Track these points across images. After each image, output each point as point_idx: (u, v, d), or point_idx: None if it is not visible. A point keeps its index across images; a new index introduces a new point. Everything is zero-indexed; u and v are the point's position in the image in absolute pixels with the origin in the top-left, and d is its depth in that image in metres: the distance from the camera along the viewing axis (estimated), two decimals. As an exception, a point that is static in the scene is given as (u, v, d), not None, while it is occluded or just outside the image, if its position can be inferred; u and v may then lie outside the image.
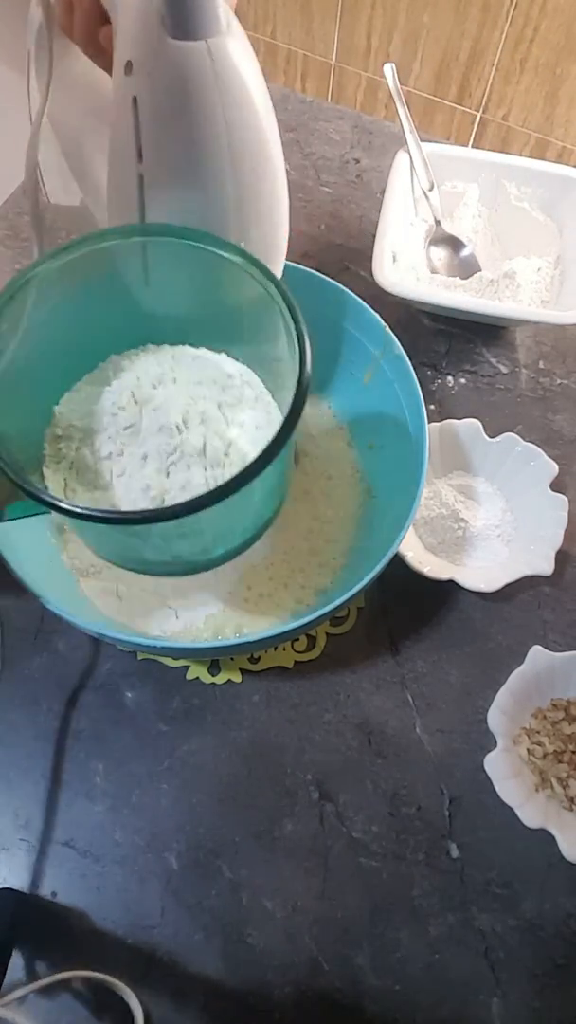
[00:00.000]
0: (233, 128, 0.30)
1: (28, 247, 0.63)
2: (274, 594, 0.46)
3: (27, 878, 0.43)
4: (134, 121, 0.30)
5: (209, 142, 0.30)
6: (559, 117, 1.18)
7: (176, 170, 0.31)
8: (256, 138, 0.31)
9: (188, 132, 0.30)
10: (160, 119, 0.30)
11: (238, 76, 0.29)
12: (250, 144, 0.31)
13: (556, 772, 0.43)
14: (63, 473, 0.37)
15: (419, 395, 0.43)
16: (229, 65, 0.28)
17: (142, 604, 0.46)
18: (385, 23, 1.19)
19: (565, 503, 0.49)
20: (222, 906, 0.43)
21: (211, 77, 0.28)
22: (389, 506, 0.47)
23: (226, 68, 0.28)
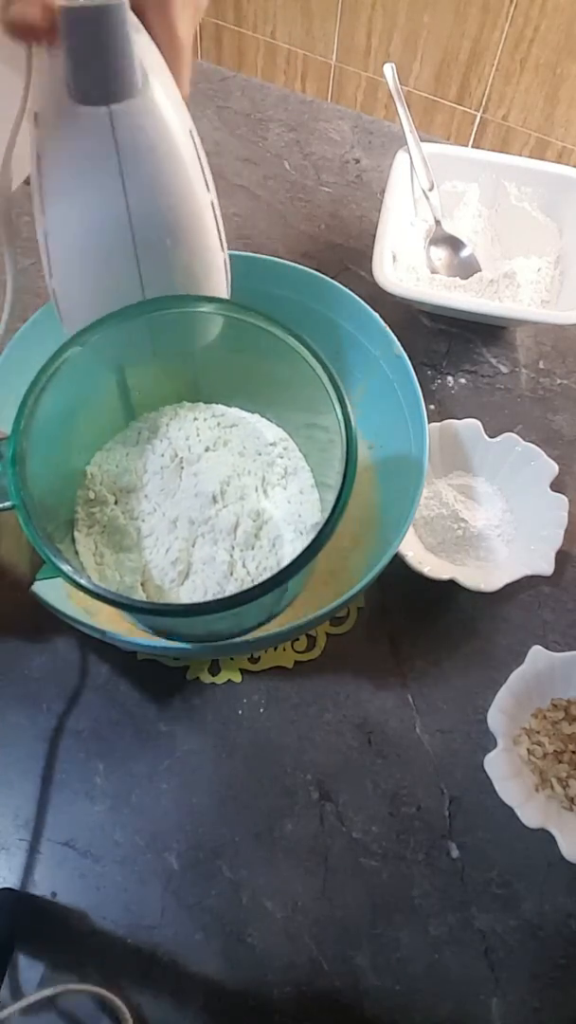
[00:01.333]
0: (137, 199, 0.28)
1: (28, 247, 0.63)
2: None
3: (27, 878, 0.43)
4: (39, 177, 0.29)
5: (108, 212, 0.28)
6: (559, 117, 1.18)
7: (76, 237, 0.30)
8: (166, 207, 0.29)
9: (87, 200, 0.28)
10: (60, 181, 0.29)
11: (145, 144, 0.27)
12: (158, 215, 0.29)
13: (556, 772, 0.43)
14: (94, 536, 0.36)
15: (419, 395, 0.43)
16: (135, 133, 0.27)
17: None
18: (385, 23, 1.19)
19: (565, 503, 0.49)
20: (222, 906, 0.43)
21: (111, 145, 0.26)
22: (389, 506, 0.47)
23: (131, 136, 0.27)
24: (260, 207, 0.66)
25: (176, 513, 0.36)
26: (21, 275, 0.66)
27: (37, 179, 0.29)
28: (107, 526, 0.36)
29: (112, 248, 0.30)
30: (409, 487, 0.41)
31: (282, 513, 0.37)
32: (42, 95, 0.27)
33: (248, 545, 0.36)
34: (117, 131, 0.26)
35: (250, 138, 0.70)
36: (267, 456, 0.38)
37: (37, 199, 0.30)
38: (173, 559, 0.35)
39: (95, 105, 0.26)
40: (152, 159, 0.28)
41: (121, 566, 0.36)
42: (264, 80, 0.75)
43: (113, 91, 0.26)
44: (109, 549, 0.36)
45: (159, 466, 0.37)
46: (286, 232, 0.65)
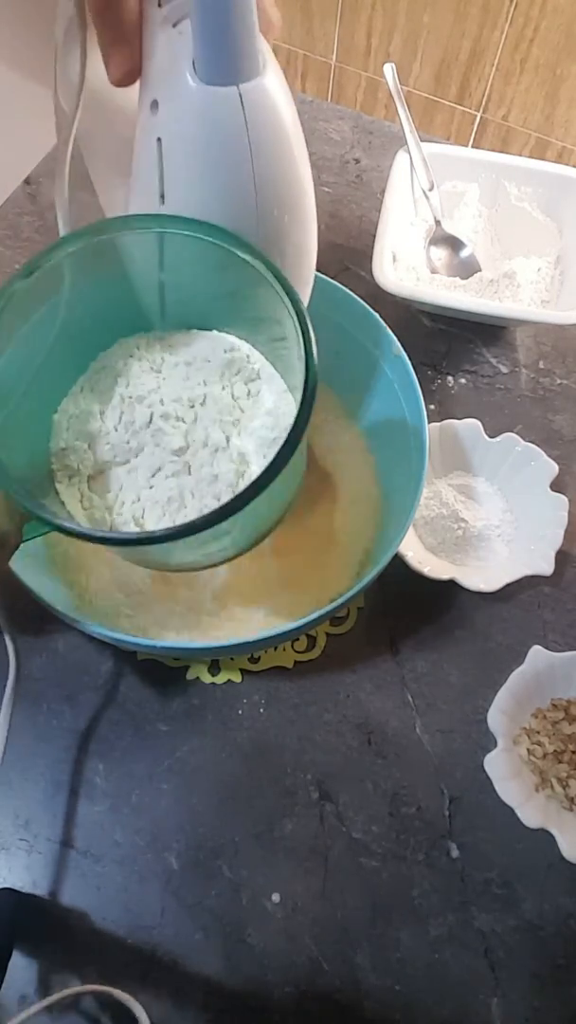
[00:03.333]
0: (262, 178, 0.29)
1: (29, 247, 0.63)
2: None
3: (27, 878, 0.43)
4: (158, 162, 0.29)
5: (235, 192, 0.29)
6: (559, 117, 1.18)
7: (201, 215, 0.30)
8: (286, 187, 0.30)
9: (213, 180, 0.29)
10: (185, 164, 0.29)
11: (270, 123, 0.28)
12: (279, 194, 0.30)
13: (556, 772, 0.43)
14: (77, 485, 0.36)
15: (419, 395, 0.43)
16: (262, 112, 0.27)
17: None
18: (385, 23, 1.19)
19: (565, 503, 0.49)
20: (222, 906, 0.43)
21: (241, 125, 0.27)
22: (389, 506, 0.47)
23: (258, 115, 0.27)
24: (260, 207, 0.66)
25: (148, 462, 0.36)
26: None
27: (155, 165, 0.29)
28: (87, 473, 0.36)
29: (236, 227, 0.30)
30: (409, 487, 0.41)
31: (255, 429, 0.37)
32: (158, 81, 0.28)
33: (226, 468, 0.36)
34: (247, 111, 0.27)
35: (250, 138, 0.70)
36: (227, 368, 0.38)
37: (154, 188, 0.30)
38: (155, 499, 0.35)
39: (225, 85, 0.26)
40: (277, 139, 0.28)
41: (110, 509, 0.36)
42: (264, 80, 0.75)
43: (242, 72, 0.26)
44: (95, 494, 0.36)
45: (120, 412, 0.37)
46: (286, 232, 0.65)
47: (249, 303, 0.34)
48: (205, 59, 0.26)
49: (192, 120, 0.27)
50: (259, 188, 0.29)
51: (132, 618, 0.45)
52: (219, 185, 0.29)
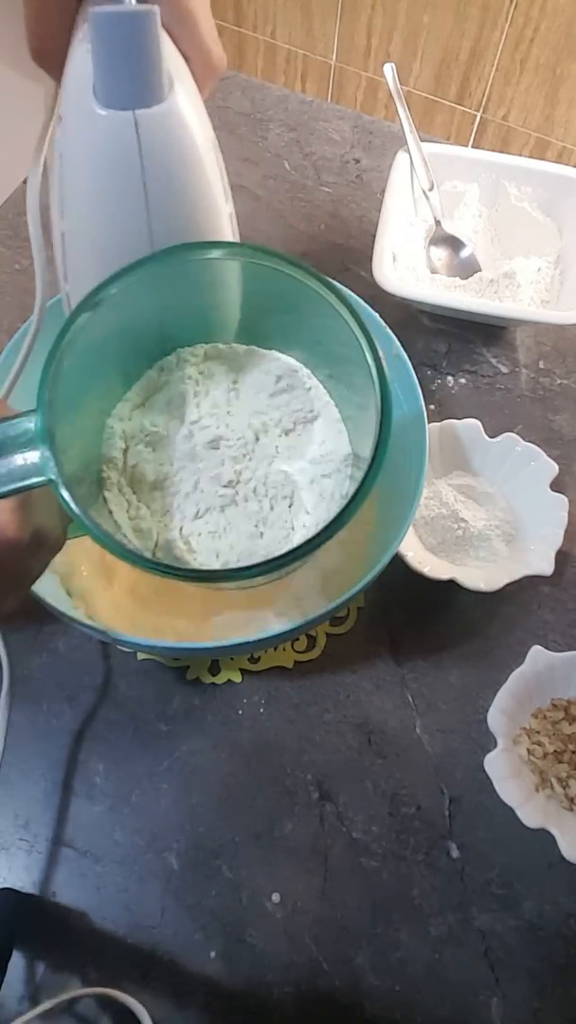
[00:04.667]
0: (157, 205, 0.28)
1: (28, 247, 0.63)
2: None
3: (27, 878, 0.43)
4: (59, 176, 0.29)
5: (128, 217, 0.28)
6: (559, 117, 1.18)
7: (93, 238, 0.30)
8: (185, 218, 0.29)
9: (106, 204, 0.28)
10: (79, 183, 0.28)
11: (169, 151, 0.27)
12: (178, 224, 0.29)
13: (556, 772, 0.43)
14: (126, 494, 0.36)
15: (419, 395, 0.43)
16: (160, 140, 0.26)
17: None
18: (385, 23, 1.19)
19: (565, 503, 0.49)
20: (222, 906, 0.43)
21: (135, 151, 0.26)
22: (389, 506, 0.47)
23: (155, 143, 0.26)
24: (260, 207, 0.66)
25: (200, 472, 0.36)
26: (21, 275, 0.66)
27: (58, 180, 0.29)
28: (135, 482, 0.36)
29: (130, 253, 0.30)
30: (409, 487, 0.41)
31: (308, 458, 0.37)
32: (67, 97, 0.27)
33: (275, 497, 0.36)
34: (142, 137, 0.26)
35: (250, 138, 0.70)
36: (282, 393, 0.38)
37: (56, 200, 0.30)
38: (203, 511, 0.35)
39: (121, 110, 0.26)
40: (175, 166, 0.27)
41: (156, 521, 0.36)
42: (264, 80, 0.75)
43: (140, 96, 0.25)
44: (142, 504, 0.36)
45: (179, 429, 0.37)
46: (286, 232, 0.65)
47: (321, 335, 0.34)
48: (102, 82, 0.25)
49: (88, 141, 0.27)
50: (153, 216, 0.28)
51: (132, 618, 0.45)
52: (111, 209, 0.28)
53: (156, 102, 0.26)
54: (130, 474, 0.37)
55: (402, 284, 0.54)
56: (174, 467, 0.37)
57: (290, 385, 0.38)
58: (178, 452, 0.37)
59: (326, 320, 0.32)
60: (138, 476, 0.36)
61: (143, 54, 0.25)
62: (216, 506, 0.36)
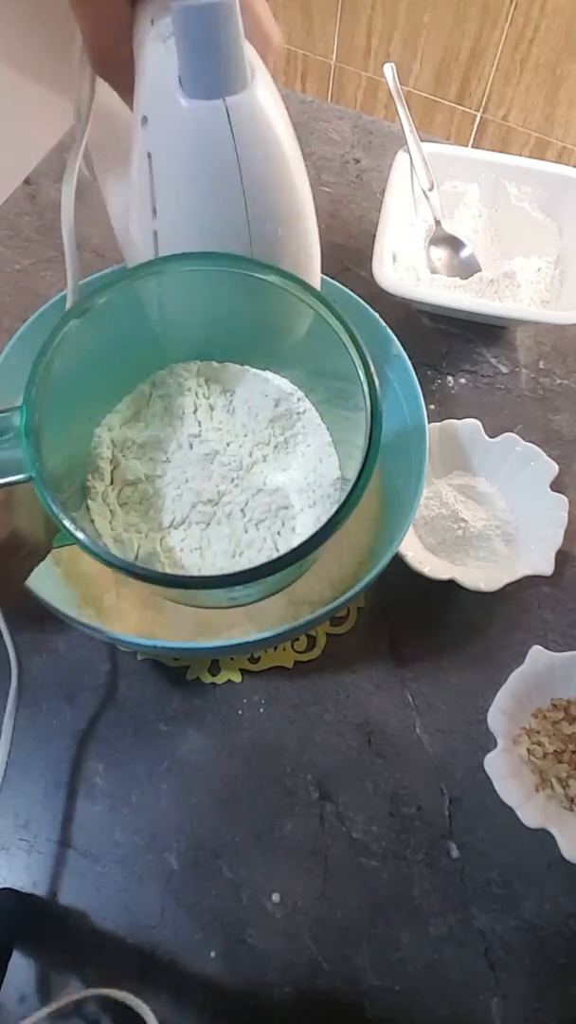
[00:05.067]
0: (252, 191, 0.28)
1: (29, 247, 0.63)
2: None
3: (27, 878, 0.43)
4: (149, 176, 0.29)
5: (225, 206, 0.29)
6: (559, 117, 1.18)
7: (190, 232, 0.30)
8: (278, 200, 0.30)
9: (203, 194, 0.29)
10: (174, 178, 0.29)
11: (259, 136, 0.27)
12: (272, 206, 0.30)
13: (556, 772, 0.43)
14: (109, 503, 0.36)
15: (419, 395, 0.43)
16: (250, 125, 0.27)
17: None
18: (385, 23, 1.19)
19: (565, 503, 0.49)
20: (222, 906, 0.43)
21: (228, 138, 0.27)
22: (389, 506, 0.47)
23: (246, 128, 0.27)
24: (260, 207, 0.66)
25: (187, 487, 0.36)
26: (21, 275, 0.66)
27: (147, 180, 0.29)
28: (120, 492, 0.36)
29: (231, 241, 0.30)
30: (409, 487, 0.41)
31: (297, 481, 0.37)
32: (148, 97, 0.27)
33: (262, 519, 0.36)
34: (233, 123, 0.26)
35: (250, 138, 0.70)
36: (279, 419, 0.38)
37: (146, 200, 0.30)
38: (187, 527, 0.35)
39: (210, 99, 0.26)
40: (266, 150, 0.28)
41: (138, 531, 0.36)
42: (264, 80, 0.75)
43: (228, 85, 0.26)
44: (124, 515, 0.36)
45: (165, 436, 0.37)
46: (286, 232, 0.65)
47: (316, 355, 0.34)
48: (189, 74, 0.26)
49: (179, 135, 0.27)
50: (249, 201, 0.29)
51: (132, 618, 0.45)
52: (208, 199, 0.29)
53: (242, 88, 0.26)
54: (117, 485, 0.37)
55: (402, 284, 0.54)
56: (163, 480, 0.36)
57: (287, 410, 0.38)
58: (170, 465, 0.37)
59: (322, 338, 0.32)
60: (125, 487, 0.36)
61: (228, 43, 0.25)
62: (198, 522, 0.36)
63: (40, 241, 0.63)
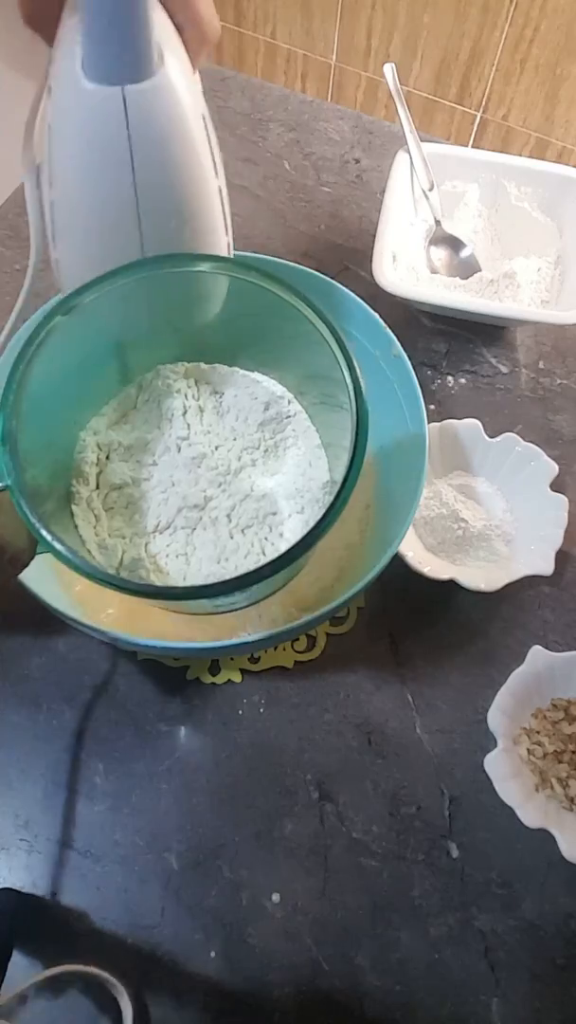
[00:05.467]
0: (145, 182, 0.28)
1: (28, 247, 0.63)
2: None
3: (27, 878, 0.43)
4: (48, 146, 0.29)
5: (114, 194, 0.28)
6: (559, 117, 1.18)
7: (80, 210, 0.30)
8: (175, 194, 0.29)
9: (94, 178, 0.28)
10: (69, 156, 0.28)
11: (157, 127, 0.27)
12: (167, 201, 0.29)
13: (556, 772, 0.43)
14: (94, 509, 0.36)
15: (419, 395, 0.43)
16: (147, 115, 0.26)
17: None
18: (385, 23, 1.19)
19: (565, 503, 0.49)
20: (222, 906, 0.43)
21: (122, 127, 0.26)
22: (389, 506, 0.47)
23: (144, 119, 0.26)
24: (260, 207, 0.66)
25: (174, 491, 0.35)
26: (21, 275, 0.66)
27: (47, 151, 0.29)
28: (106, 496, 0.36)
29: (117, 224, 0.30)
30: (409, 487, 0.41)
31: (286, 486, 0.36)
32: (56, 69, 0.27)
33: (249, 524, 0.35)
34: (129, 112, 0.26)
35: (250, 138, 0.70)
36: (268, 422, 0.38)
37: (45, 169, 0.30)
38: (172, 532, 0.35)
39: (109, 85, 0.25)
40: (162, 142, 0.27)
41: (123, 538, 0.36)
42: (264, 80, 0.75)
43: (128, 71, 0.25)
44: (109, 521, 0.36)
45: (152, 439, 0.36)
46: (286, 232, 0.65)
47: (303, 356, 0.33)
48: (91, 56, 0.25)
49: (75, 115, 0.27)
50: (141, 193, 0.28)
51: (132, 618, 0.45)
52: (97, 182, 0.28)
53: (145, 77, 0.25)
54: (102, 489, 0.36)
55: (402, 284, 0.54)
56: (149, 483, 0.36)
57: (278, 413, 0.38)
58: (156, 468, 0.36)
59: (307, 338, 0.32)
60: (111, 491, 0.36)
61: (132, 29, 0.24)
62: (183, 527, 0.36)
63: (40, 241, 0.63)
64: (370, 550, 0.46)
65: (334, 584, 0.46)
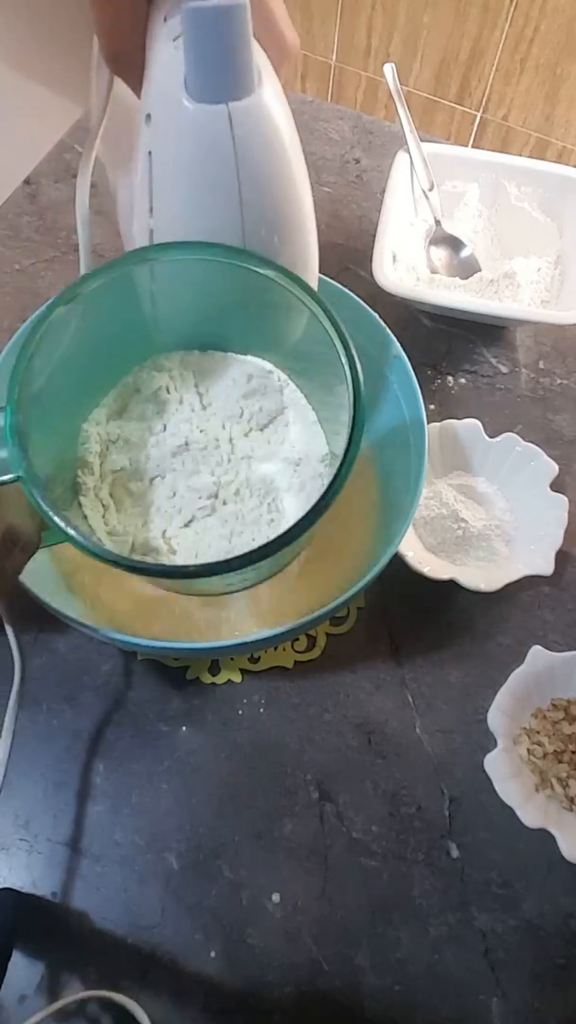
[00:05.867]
0: (250, 198, 0.28)
1: (29, 247, 0.63)
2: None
3: (27, 878, 0.43)
4: (148, 175, 0.29)
5: (221, 211, 0.29)
6: (559, 117, 1.18)
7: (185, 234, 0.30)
8: (277, 209, 0.29)
9: (199, 198, 0.29)
10: (172, 179, 0.29)
11: (261, 143, 0.27)
12: (269, 215, 0.29)
13: (556, 772, 0.43)
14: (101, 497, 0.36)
15: (419, 395, 0.43)
16: (252, 132, 0.27)
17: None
18: (385, 23, 1.19)
19: (565, 503, 0.49)
20: (222, 906, 0.43)
21: (228, 144, 0.26)
22: (389, 506, 0.47)
23: (248, 135, 0.27)
24: (260, 207, 0.66)
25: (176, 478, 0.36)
26: (21, 275, 0.66)
27: (146, 177, 0.29)
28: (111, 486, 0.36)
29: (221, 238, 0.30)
30: (409, 487, 0.41)
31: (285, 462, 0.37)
32: (155, 95, 0.27)
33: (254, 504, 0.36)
34: (235, 129, 0.26)
35: (250, 138, 0.70)
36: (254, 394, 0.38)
37: (144, 197, 0.30)
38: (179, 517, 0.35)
39: (214, 103, 0.26)
40: (267, 159, 0.28)
41: (132, 523, 0.36)
42: (264, 80, 0.75)
43: (232, 90, 0.26)
44: (117, 510, 0.36)
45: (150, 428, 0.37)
46: (286, 232, 0.65)
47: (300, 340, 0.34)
48: (194, 76, 0.25)
49: (180, 137, 0.27)
50: (246, 209, 0.28)
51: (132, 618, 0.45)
52: (204, 203, 0.29)
53: (247, 94, 0.26)
54: (108, 480, 0.36)
55: (402, 284, 0.54)
56: (151, 473, 0.36)
57: (262, 385, 0.38)
58: (153, 458, 0.37)
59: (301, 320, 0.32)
60: (116, 482, 0.36)
61: (236, 47, 0.25)
62: (189, 510, 0.36)
63: (40, 241, 0.63)
64: (370, 550, 0.46)
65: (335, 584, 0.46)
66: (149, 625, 0.45)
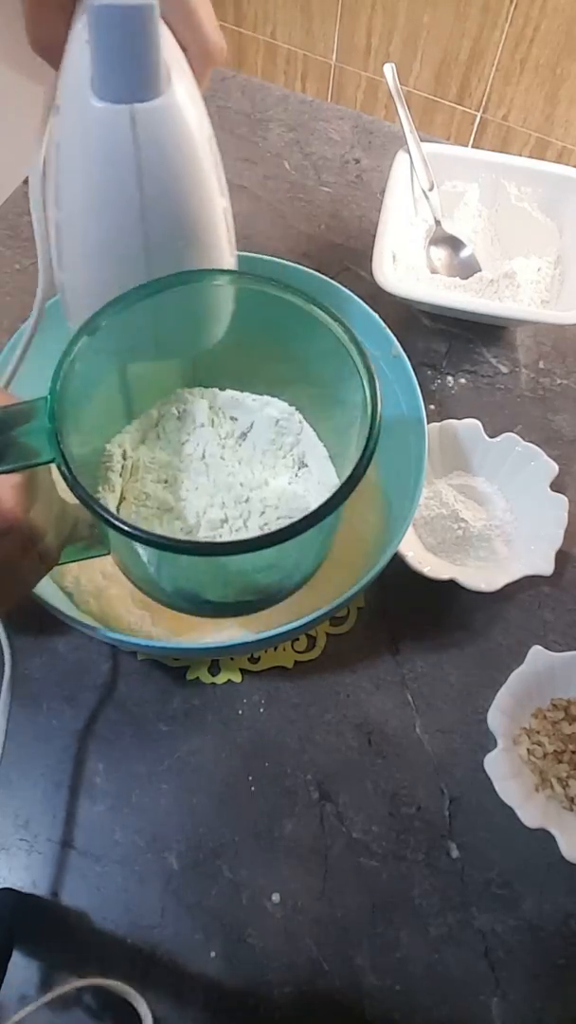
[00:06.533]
0: (152, 201, 0.28)
1: (29, 247, 0.63)
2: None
3: (27, 878, 0.43)
4: (55, 166, 0.29)
5: (120, 213, 0.28)
6: (559, 117, 1.18)
7: (87, 231, 0.30)
8: (182, 213, 0.29)
9: (101, 197, 0.28)
10: (76, 175, 0.28)
11: (167, 146, 0.27)
12: (173, 220, 0.29)
13: (556, 772, 0.43)
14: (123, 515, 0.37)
15: (419, 395, 0.43)
16: (156, 135, 0.26)
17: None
18: (385, 23, 1.19)
19: (565, 503, 0.49)
20: (222, 906, 0.43)
21: (130, 145, 0.26)
22: (389, 506, 0.47)
23: (152, 137, 0.26)
24: (260, 207, 0.66)
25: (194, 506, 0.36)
26: (21, 275, 0.66)
27: (54, 170, 0.29)
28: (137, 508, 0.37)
29: (123, 246, 0.30)
30: (409, 487, 0.41)
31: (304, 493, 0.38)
32: (64, 88, 0.27)
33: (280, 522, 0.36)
34: (138, 131, 0.26)
35: (250, 138, 0.70)
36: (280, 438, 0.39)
37: (51, 189, 0.30)
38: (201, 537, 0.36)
39: (117, 103, 0.25)
40: (170, 162, 0.27)
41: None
42: (264, 80, 0.75)
43: (137, 91, 0.25)
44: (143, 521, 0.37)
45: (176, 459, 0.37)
46: (286, 232, 0.65)
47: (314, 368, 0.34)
48: (99, 74, 0.25)
49: (83, 133, 0.27)
50: (148, 211, 0.28)
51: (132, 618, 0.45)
52: (105, 203, 0.28)
53: (153, 96, 0.26)
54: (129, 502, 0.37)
55: (402, 284, 0.54)
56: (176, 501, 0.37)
57: (288, 429, 0.39)
58: (183, 487, 0.37)
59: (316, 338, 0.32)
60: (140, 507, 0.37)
61: (141, 48, 0.24)
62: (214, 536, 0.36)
63: (40, 241, 0.63)
64: (370, 550, 0.46)
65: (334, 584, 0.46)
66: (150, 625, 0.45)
